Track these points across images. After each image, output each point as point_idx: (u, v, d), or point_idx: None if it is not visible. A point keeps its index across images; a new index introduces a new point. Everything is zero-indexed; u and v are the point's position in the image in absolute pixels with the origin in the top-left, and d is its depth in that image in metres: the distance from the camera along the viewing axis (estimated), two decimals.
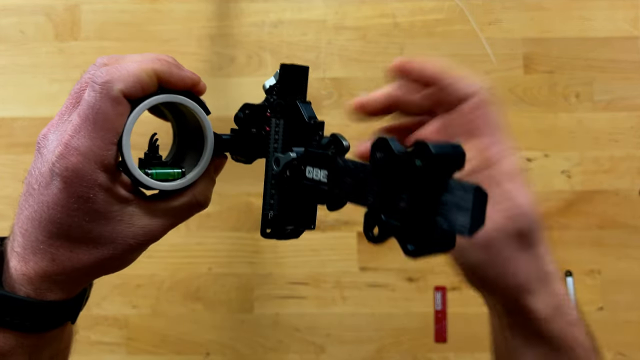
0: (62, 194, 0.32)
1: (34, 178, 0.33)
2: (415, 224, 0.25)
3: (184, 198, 0.36)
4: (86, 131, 0.31)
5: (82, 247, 0.33)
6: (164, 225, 0.35)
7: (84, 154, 0.31)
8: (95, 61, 0.34)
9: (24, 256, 0.33)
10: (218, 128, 0.38)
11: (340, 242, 0.77)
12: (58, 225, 0.32)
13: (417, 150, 0.25)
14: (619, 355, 0.75)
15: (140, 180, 0.34)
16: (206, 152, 0.36)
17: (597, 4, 0.80)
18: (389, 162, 0.27)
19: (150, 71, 0.32)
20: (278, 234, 0.37)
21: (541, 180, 0.78)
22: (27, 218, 0.33)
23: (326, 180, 0.32)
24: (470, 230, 0.24)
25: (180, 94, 0.35)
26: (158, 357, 0.75)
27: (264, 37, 0.80)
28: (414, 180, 0.25)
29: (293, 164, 0.34)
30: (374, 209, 0.27)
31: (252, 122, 0.38)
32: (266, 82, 0.38)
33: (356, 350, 0.75)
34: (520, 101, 0.79)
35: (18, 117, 0.79)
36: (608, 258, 0.76)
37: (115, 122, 0.32)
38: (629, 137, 0.78)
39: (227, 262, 0.77)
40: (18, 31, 0.80)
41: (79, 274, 0.34)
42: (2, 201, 0.78)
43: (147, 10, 0.80)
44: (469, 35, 0.80)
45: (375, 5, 0.80)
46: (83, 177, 0.31)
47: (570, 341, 0.39)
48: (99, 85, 0.31)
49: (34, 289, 0.33)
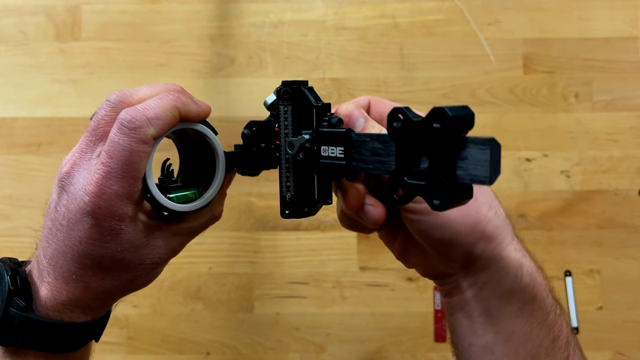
0: (94, 229, 0.34)
1: (60, 214, 0.35)
2: (438, 181, 0.28)
3: (203, 217, 0.39)
4: (118, 172, 0.33)
5: (113, 274, 0.35)
6: (185, 241, 0.38)
7: (117, 193, 0.33)
8: (108, 98, 0.35)
9: (55, 286, 0.35)
10: (218, 128, 0.39)
11: (340, 242, 0.77)
12: (91, 257, 0.34)
13: (435, 114, 0.28)
14: (619, 355, 0.75)
15: (167, 207, 0.36)
16: (219, 171, 0.39)
17: (596, 5, 0.80)
18: (407, 129, 0.30)
19: (175, 111, 0.35)
20: (296, 213, 0.39)
21: (541, 180, 0.78)
22: (57, 251, 0.35)
23: (343, 156, 0.34)
24: (491, 179, 0.27)
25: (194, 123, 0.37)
26: (158, 356, 0.75)
27: (264, 37, 0.80)
28: (433, 142, 0.28)
29: (306, 145, 0.36)
30: (397, 173, 0.30)
31: (260, 138, 0.40)
32: (267, 99, 0.39)
33: (356, 349, 0.76)
34: (520, 101, 0.79)
35: (19, 117, 0.79)
36: (607, 258, 0.77)
37: (144, 162, 0.34)
38: (628, 137, 0.78)
39: (228, 262, 0.77)
40: (19, 31, 0.80)
41: (110, 297, 0.37)
42: (2, 201, 0.78)
43: (147, 10, 0.81)
44: (469, 35, 0.80)
45: (375, 5, 0.81)
46: (114, 213, 0.33)
47: (542, 288, 0.39)
48: (131, 130, 0.33)
49: (67, 313, 0.35)
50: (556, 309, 0.39)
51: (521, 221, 0.77)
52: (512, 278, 0.38)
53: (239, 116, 0.77)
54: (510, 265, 0.38)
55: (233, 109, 0.78)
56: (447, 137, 0.28)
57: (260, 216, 0.78)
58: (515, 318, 0.38)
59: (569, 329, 0.40)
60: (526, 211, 0.77)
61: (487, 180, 0.27)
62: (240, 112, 0.78)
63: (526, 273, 0.38)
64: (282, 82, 0.38)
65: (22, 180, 0.78)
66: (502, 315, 0.38)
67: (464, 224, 0.37)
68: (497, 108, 0.79)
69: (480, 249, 0.37)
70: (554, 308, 0.39)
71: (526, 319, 0.38)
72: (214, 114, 0.38)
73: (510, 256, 0.38)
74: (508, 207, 0.78)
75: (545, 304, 0.39)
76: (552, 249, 0.77)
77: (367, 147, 0.33)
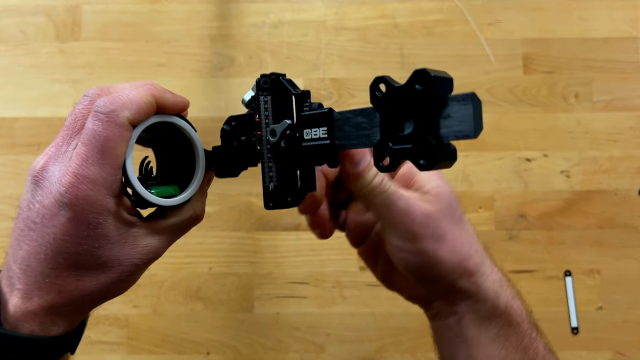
0: (71, 223, 0.32)
1: (34, 212, 0.33)
2: (424, 141, 0.29)
3: (184, 213, 0.37)
4: (94, 159, 0.32)
5: (90, 274, 0.33)
6: (167, 241, 0.36)
7: (95, 182, 0.32)
8: (86, 93, 0.34)
9: (26, 292, 0.33)
10: (218, 128, 0.39)
11: (340, 242, 0.77)
12: (66, 256, 0.32)
13: (416, 76, 0.29)
14: (619, 355, 0.75)
15: (148, 199, 0.35)
16: (199, 168, 0.38)
17: (596, 5, 0.80)
18: (390, 95, 0.30)
19: (150, 97, 0.34)
20: (280, 204, 0.38)
21: (540, 180, 0.78)
22: (29, 253, 0.33)
23: (327, 135, 0.34)
24: (475, 133, 0.27)
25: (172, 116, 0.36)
26: (159, 356, 0.75)
27: (264, 37, 0.80)
28: (417, 104, 0.29)
29: (288, 132, 0.36)
30: (382, 142, 0.31)
31: (240, 132, 0.39)
32: (245, 96, 0.39)
33: (356, 349, 0.76)
34: (520, 101, 0.79)
35: (19, 118, 0.79)
36: (607, 258, 0.77)
37: (122, 148, 0.33)
38: (628, 137, 0.78)
39: (228, 262, 0.77)
40: (19, 31, 0.81)
41: (85, 302, 0.34)
42: (2, 201, 0.78)
43: (147, 10, 0.81)
44: (469, 35, 0.80)
45: (375, 5, 0.81)
46: (93, 204, 0.32)
47: (517, 314, 0.42)
48: (105, 114, 0.32)
49: (38, 324, 0.33)
50: (531, 333, 0.42)
51: (521, 221, 0.77)
52: (489, 307, 0.41)
53: None
54: (487, 296, 0.41)
55: (233, 109, 0.78)
56: (430, 97, 0.28)
57: (260, 216, 0.78)
58: (492, 343, 0.41)
59: (546, 350, 0.43)
60: (526, 211, 0.77)
61: (472, 134, 0.27)
62: (240, 112, 0.78)
63: (502, 301, 0.41)
64: (261, 75, 0.39)
65: (22, 180, 0.78)
66: (480, 341, 0.41)
67: (450, 262, 0.40)
68: (497, 108, 0.79)
69: (462, 283, 0.41)
70: (529, 332, 0.42)
71: (502, 343, 0.41)
72: (214, 114, 0.38)
73: (489, 288, 0.41)
74: (508, 207, 0.78)
75: (520, 328, 0.41)
76: (552, 249, 0.77)
77: (351, 124, 0.33)
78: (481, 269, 0.41)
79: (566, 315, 0.76)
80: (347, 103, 0.79)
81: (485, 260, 0.41)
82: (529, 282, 0.76)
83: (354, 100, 0.79)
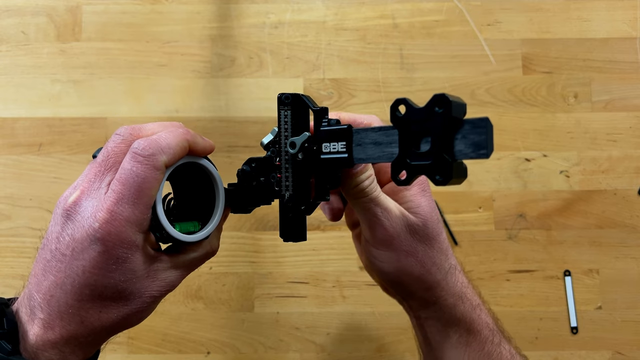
0: (101, 257, 0.33)
1: (63, 244, 0.34)
2: (440, 159, 0.32)
3: (202, 249, 0.40)
4: (130, 198, 0.33)
5: (112, 306, 0.35)
6: (183, 274, 0.39)
7: (128, 219, 0.33)
8: (118, 132, 0.36)
9: (48, 322, 0.34)
10: (218, 128, 0.39)
11: (340, 242, 0.77)
12: (92, 288, 0.34)
13: (436, 100, 0.32)
14: (618, 355, 0.75)
15: (174, 236, 0.36)
16: (219, 206, 0.40)
17: (595, 5, 0.81)
18: (411, 115, 0.33)
19: (185, 142, 0.36)
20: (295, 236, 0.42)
21: (540, 180, 0.78)
22: (55, 284, 0.34)
23: (345, 149, 0.37)
24: (488, 153, 0.30)
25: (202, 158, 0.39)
26: (159, 356, 0.75)
27: (264, 38, 0.80)
28: (435, 125, 0.32)
29: (306, 145, 0.39)
30: (400, 157, 0.34)
31: (259, 173, 0.41)
32: (264, 140, 0.41)
33: (356, 349, 0.76)
34: (519, 101, 0.79)
35: (19, 118, 0.79)
36: (606, 258, 0.77)
37: (156, 189, 0.34)
38: (627, 137, 0.79)
39: (228, 262, 0.77)
40: (19, 32, 0.81)
41: (105, 332, 0.36)
42: (3, 201, 0.78)
43: (148, 11, 0.81)
44: (468, 36, 0.80)
45: (375, 6, 0.81)
46: (124, 240, 0.33)
47: (477, 323, 0.45)
48: (145, 157, 0.34)
49: (57, 353, 0.34)
50: (494, 339, 0.45)
51: (520, 221, 0.77)
52: (447, 317, 0.45)
53: (239, 116, 0.77)
54: (445, 307, 0.45)
55: (233, 109, 0.78)
56: (448, 118, 0.31)
57: (260, 216, 0.78)
58: (454, 349, 0.45)
59: (511, 355, 0.46)
60: (525, 211, 0.77)
61: (486, 155, 0.30)
62: (240, 112, 0.78)
63: (459, 312, 0.45)
64: (279, 94, 0.41)
65: (23, 180, 0.78)
66: (443, 347, 0.45)
67: (410, 275, 0.44)
68: (496, 108, 0.79)
69: (421, 294, 0.45)
70: (490, 338, 0.45)
71: (464, 349, 0.44)
72: (214, 114, 0.39)
73: (447, 300, 0.45)
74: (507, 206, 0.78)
75: (481, 335, 0.45)
76: (551, 248, 0.77)
77: (369, 139, 0.36)
78: (440, 286, 0.44)
79: (565, 315, 0.76)
80: (346, 103, 0.79)
81: (447, 278, 0.44)
82: (528, 282, 0.76)
83: (353, 100, 0.79)
